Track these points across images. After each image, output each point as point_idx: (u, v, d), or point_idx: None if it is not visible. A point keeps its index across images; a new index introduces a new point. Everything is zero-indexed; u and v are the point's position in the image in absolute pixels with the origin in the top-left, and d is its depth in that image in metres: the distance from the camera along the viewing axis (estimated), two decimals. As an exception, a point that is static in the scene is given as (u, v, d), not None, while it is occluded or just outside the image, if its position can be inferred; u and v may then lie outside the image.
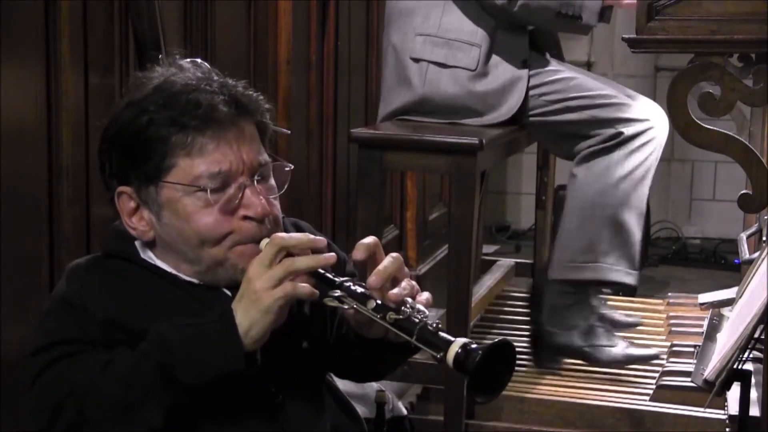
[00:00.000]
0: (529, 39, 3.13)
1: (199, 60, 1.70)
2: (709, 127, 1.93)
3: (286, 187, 1.67)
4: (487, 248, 5.04)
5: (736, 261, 4.62)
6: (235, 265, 1.59)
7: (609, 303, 3.44)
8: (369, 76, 4.07)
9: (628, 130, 2.99)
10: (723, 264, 5.43)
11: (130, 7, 2.29)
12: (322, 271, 1.54)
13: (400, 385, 2.99)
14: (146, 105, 1.58)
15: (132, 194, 1.62)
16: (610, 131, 3.00)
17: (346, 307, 1.53)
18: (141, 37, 2.24)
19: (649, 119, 3.02)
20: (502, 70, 3.03)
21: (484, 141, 2.75)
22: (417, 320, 1.48)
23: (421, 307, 1.51)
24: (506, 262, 4.08)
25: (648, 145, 3.01)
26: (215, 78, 1.62)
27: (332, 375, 1.82)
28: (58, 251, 2.18)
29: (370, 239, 1.56)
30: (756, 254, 2.36)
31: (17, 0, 2.05)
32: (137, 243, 1.66)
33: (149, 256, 1.65)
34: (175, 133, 1.57)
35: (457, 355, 1.44)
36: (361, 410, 1.87)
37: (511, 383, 3.10)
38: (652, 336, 3.41)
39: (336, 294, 1.52)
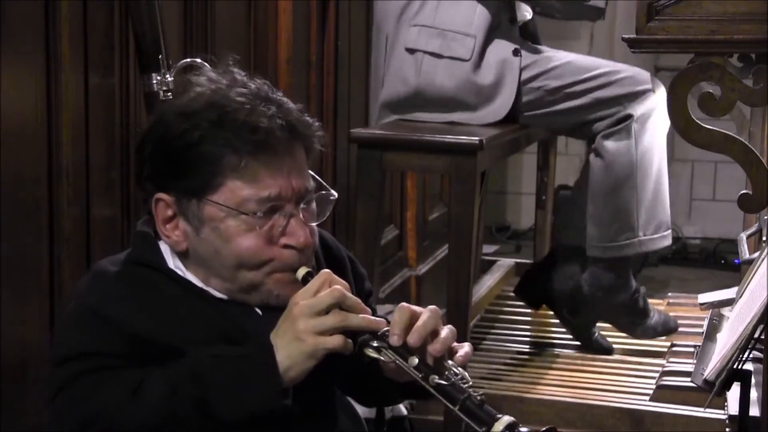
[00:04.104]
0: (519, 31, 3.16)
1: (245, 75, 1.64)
2: (709, 127, 1.92)
3: (327, 215, 1.64)
4: (487, 248, 5.03)
5: (736, 261, 4.61)
6: (270, 290, 1.58)
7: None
8: (369, 76, 4.06)
9: (636, 109, 3.02)
10: (723, 264, 5.42)
11: (130, 7, 2.29)
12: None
13: (400, 385, 2.98)
14: (198, 120, 1.55)
15: (171, 203, 1.58)
16: (620, 113, 3.02)
17: (384, 359, 1.51)
18: (141, 37, 2.24)
19: (649, 85, 3.04)
20: (494, 61, 3.03)
21: (483, 140, 2.75)
22: (461, 388, 1.46)
23: (461, 370, 1.49)
24: (506, 262, 4.09)
25: (656, 113, 3.03)
26: (270, 96, 1.59)
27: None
28: (58, 251, 2.17)
29: (404, 316, 1.51)
30: (756, 254, 2.35)
31: (17, 0, 2.05)
32: (166, 249, 1.62)
33: (177, 265, 1.62)
34: (228, 155, 1.54)
35: None
36: (361, 410, 1.87)
37: (510, 383, 3.11)
38: (652, 336, 3.41)
39: (375, 344, 1.50)
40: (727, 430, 2.26)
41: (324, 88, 3.63)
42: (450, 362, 1.50)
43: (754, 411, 2.03)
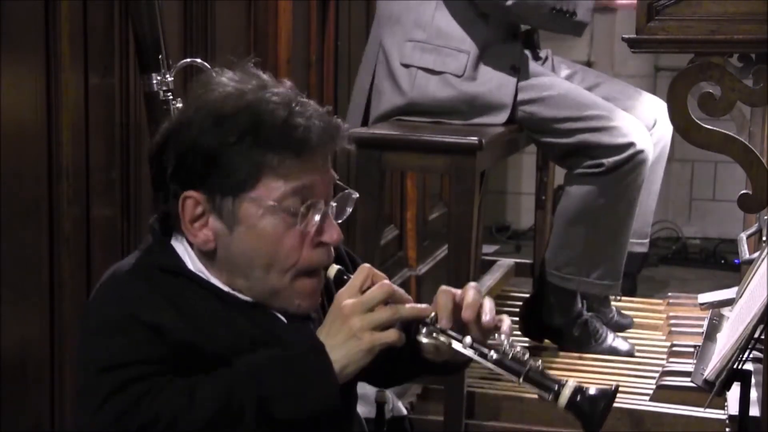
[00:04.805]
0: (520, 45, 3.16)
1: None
2: (709, 127, 1.92)
3: (349, 213, 1.65)
4: (487, 248, 5.03)
5: (736, 261, 4.61)
6: (291, 298, 1.58)
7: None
8: (369, 76, 4.06)
9: (612, 162, 3.02)
10: (723, 264, 5.41)
11: (130, 7, 2.29)
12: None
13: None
14: (235, 122, 1.54)
15: (202, 201, 1.56)
16: (594, 160, 3.03)
17: (439, 344, 1.54)
18: (141, 37, 2.24)
19: (635, 142, 3.03)
20: (489, 75, 3.03)
21: (483, 141, 2.75)
22: (521, 360, 1.50)
23: (513, 341, 1.53)
24: (506, 262, 4.08)
25: (635, 171, 3.04)
26: (300, 98, 1.58)
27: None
28: (58, 251, 2.18)
29: (448, 298, 1.56)
30: (756, 254, 2.36)
31: (17, 0, 2.05)
32: (183, 252, 1.61)
33: (199, 268, 1.60)
34: (266, 154, 1.53)
35: (571, 398, 1.53)
36: (361, 410, 1.87)
37: (510, 383, 3.09)
38: (652, 336, 3.41)
39: (426, 331, 1.53)
40: (727, 430, 2.26)
41: (324, 88, 3.64)
42: (502, 337, 1.54)
43: (754, 411, 2.03)
